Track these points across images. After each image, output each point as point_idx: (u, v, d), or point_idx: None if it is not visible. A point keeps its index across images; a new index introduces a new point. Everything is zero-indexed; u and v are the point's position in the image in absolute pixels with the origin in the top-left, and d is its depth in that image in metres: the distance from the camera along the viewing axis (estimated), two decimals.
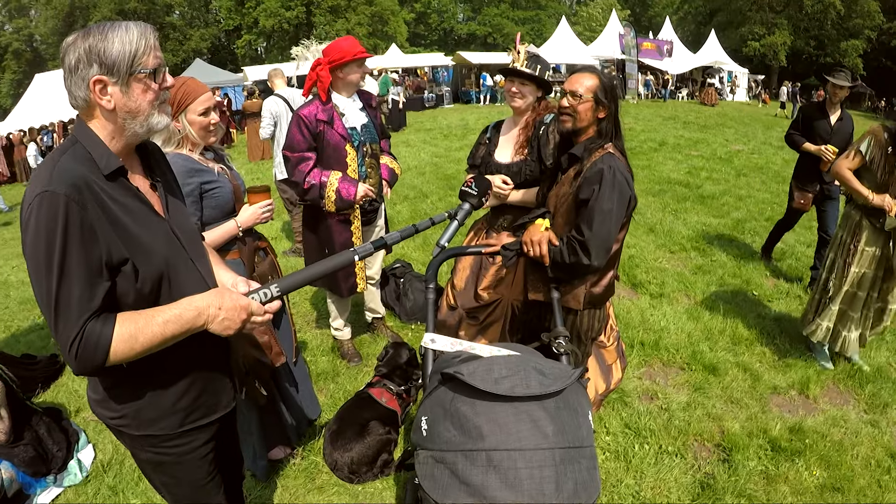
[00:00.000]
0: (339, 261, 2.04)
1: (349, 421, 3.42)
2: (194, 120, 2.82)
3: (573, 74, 2.78)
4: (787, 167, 13.31)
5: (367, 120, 4.26)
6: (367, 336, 5.15)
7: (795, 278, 6.68)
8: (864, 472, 3.60)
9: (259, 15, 50.55)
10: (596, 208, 2.56)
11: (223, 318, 1.76)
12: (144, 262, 1.70)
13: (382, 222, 4.69)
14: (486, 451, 1.58)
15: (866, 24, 47.19)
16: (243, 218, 3.04)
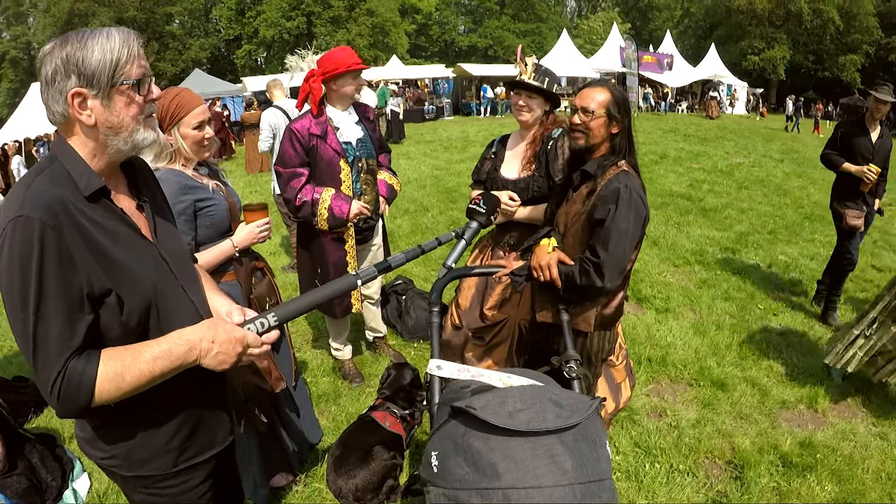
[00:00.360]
0: (341, 286, 1.93)
1: (353, 446, 3.31)
2: (188, 134, 2.69)
3: (584, 89, 2.71)
4: (787, 180, 13.37)
5: (363, 134, 4.09)
6: (368, 355, 5.03)
7: (800, 292, 6.65)
8: (875, 486, 3.58)
9: (259, 25, 50.69)
10: (612, 229, 2.49)
11: (217, 352, 1.61)
12: (130, 292, 1.56)
13: (380, 240, 4.52)
14: (503, 490, 1.48)
15: (865, 40, 47.76)
16: (240, 237, 2.89)
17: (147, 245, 1.67)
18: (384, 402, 3.62)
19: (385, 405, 3.59)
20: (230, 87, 31.79)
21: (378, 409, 3.57)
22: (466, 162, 15.25)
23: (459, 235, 2.41)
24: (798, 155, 18.68)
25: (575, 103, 2.68)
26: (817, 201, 11.39)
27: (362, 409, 4.03)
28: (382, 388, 3.75)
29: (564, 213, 2.80)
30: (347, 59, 3.79)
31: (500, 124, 25.51)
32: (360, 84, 3.96)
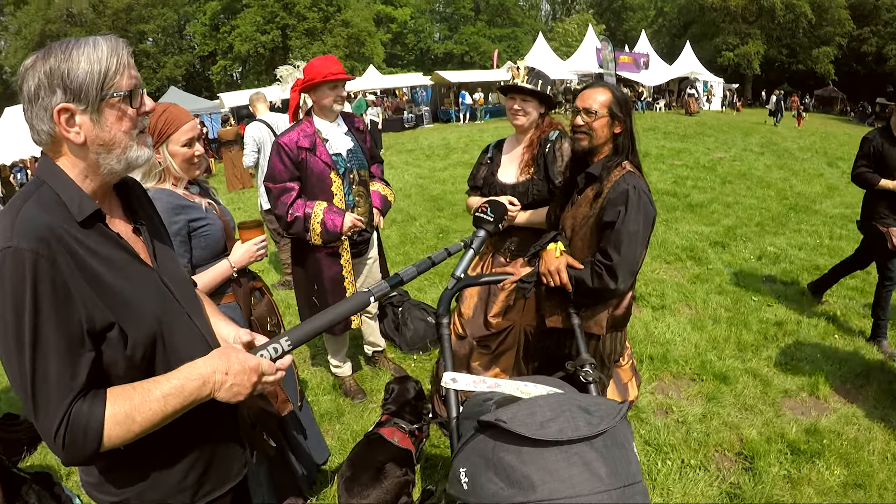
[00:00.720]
0: (355, 304, 1.85)
1: (363, 465, 3.22)
2: (177, 151, 2.56)
3: (585, 90, 2.69)
4: (769, 172, 13.50)
5: (353, 144, 3.99)
6: (368, 370, 4.95)
7: (792, 282, 6.70)
8: (882, 467, 3.64)
9: (234, 40, 50.41)
10: (623, 231, 2.48)
11: (231, 383, 1.50)
12: (133, 324, 1.43)
13: (375, 253, 4.43)
14: (540, 502, 1.45)
15: (837, 32, 48.55)
16: (237, 257, 2.77)
17: (147, 271, 1.55)
18: (391, 418, 3.54)
19: (392, 421, 3.51)
20: (207, 104, 31.54)
21: (385, 425, 3.48)
22: (450, 169, 15.26)
23: (468, 245, 2.38)
24: (777, 147, 18.88)
25: (577, 105, 2.66)
26: (800, 192, 11.54)
27: (367, 425, 3.99)
28: (387, 404, 3.66)
29: (571, 217, 2.77)
30: (323, 68, 3.68)
31: (480, 130, 25.62)
32: (339, 95, 3.82)
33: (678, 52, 42.39)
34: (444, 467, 3.62)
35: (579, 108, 2.64)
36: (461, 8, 66.38)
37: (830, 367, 4.80)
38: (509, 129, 3.55)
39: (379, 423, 3.54)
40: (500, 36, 64.84)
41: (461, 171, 14.79)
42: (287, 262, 7.05)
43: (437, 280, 6.89)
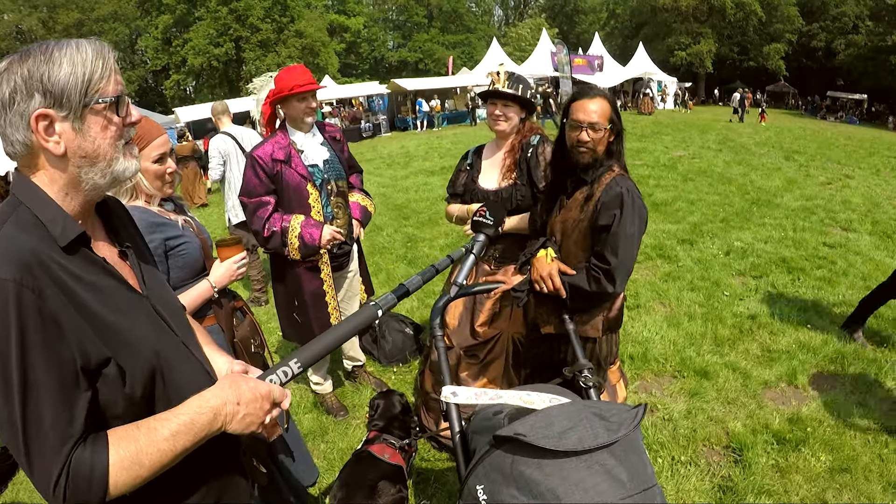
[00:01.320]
0: (363, 318, 1.78)
1: (355, 485, 3.10)
2: (148, 168, 2.41)
3: (581, 101, 2.60)
4: (728, 168, 13.74)
5: (329, 155, 3.89)
6: (349, 385, 4.83)
7: (760, 275, 6.81)
8: (865, 450, 3.74)
9: (187, 53, 49.60)
10: (620, 234, 2.47)
11: (244, 414, 1.39)
12: (130, 358, 1.31)
13: (356, 266, 4.33)
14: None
15: (787, 28, 50.05)
16: (217, 276, 2.64)
17: (138, 299, 1.42)
18: (379, 434, 3.42)
19: (381, 437, 3.39)
20: (161, 119, 30.82)
21: (374, 442, 3.37)
22: (411, 177, 15.19)
23: (468, 250, 2.34)
24: (734, 143, 19.26)
25: (579, 119, 2.58)
26: (760, 186, 11.77)
27: (352, 443, 3.92)
28: (374, 420, 3.54)
29: (560, 221, 2.75)
30: (290, 81, 3.57)
31: (439, 137, 25.62)
32: (308, 107, 3.71)
33: (631, 54, 43.07)
34: (436, 481, 3.56)
35: (583, 124, 2.56)
36: (414, 15, 66.59)
37: (806, 356, 4.89)
38: (468, 135, 3.55)
39: (368, 440, 3.43)
40: (454, 42, 65.16)
41: (423, 178, 14.77)
42: (256, 278, 6.93)
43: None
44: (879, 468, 3.57)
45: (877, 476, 3.49)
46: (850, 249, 7.72)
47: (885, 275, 6.44)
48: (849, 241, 8.09)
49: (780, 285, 6.45)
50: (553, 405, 1.70)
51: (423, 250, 8.50)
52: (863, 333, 5.21)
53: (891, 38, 41.70)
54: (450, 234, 9.07)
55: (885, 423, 4.00)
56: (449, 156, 18.25)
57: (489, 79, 3.32)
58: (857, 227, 8.87)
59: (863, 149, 20.09)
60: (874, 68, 44.09)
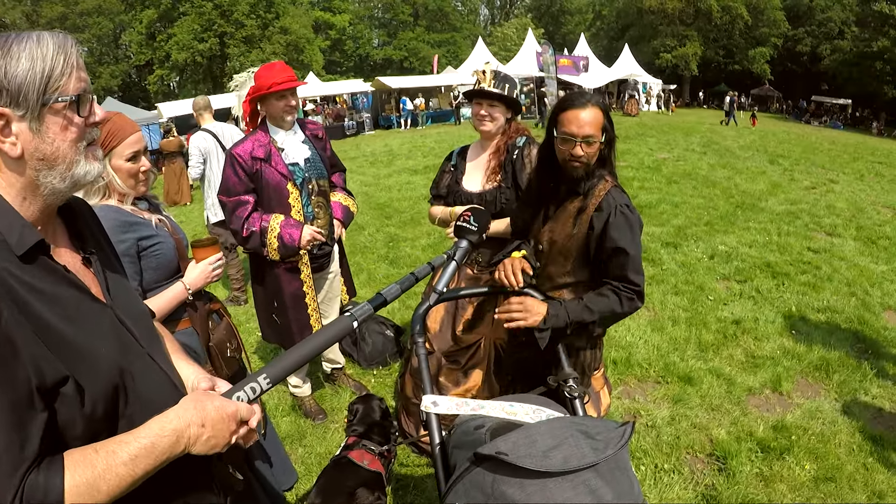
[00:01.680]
0: (338, 329, 1.70)
1: (333, 492, 3.02)
2: (121, 166, 2.33)
3: (574, 111, 2.41)
4: (713, 171, 13.77)
5: (310, 153, 3.80)
6: (328, 388, 4.72)
7: (744, 279, 6.79)
8: (849, 459, 3.72)
9: (171, 49, 49.21)
10: (636, 254, 2.42)
11: (209, 436, 1.31)
12: (90, 375, 1.21)
13: (337, 267, 4.24)
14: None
15: (772, 32, 50.58)
16: (192, 278, 2.54)
17: (101, 309, 1.33)
18: (359, 440, 3.33)
19: (360, 443, 3.30)
20: (144, 115, 30.72)
21: (353, 447, 3.27)
22: (394, 176, 15.10)
23: (450, 257, 2.25)
24: (719, 146, 19.32)
25: (572, 131, 2.40)
26: (745, 190, 11.79)
27: (330, 447, 3.85)
28: (353, 425, 3.44)
29: (549, 231, 2.65)
30: (268, 79, 3.49)
31: (423, 135, 25.51)
32: (288, 105, 3.62)
33: (617, 55, 43.22)
34: (415, 487, 3.49)
35: (576, 137, 2.39)
36: (400, 14, 66.40)
37: (790, 362, 4.87)
38: (452, 134, 3.47)
39: (346, 445, 3.35)
40: (440, 41, 65.06)
41: (406, 177, 14.68)
42: (235, 277, 6.82)
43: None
44: (864, 477, 3.54)
45: (861, 485, 3.47)
46: (835, 255, 7.73)
47: (870, 281, 6.50)
48: (833, 247, 8.11)
49: (764, 290, 6.43)
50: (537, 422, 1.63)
51: (406, 250, 8.41)
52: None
53: (876, 44, 42.12)
54: (432, 234, 8.99)
55: (869, 431, 3.98)
56: (432, 155, 18.18)
57: (475, 77, 3.24)
58: (842, 232, 8.91)
59: (847, 154, 20.23)
60: (859, 74, 44.54)
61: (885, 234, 8.81)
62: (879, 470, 3.60)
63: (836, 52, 47.60)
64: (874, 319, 5.67)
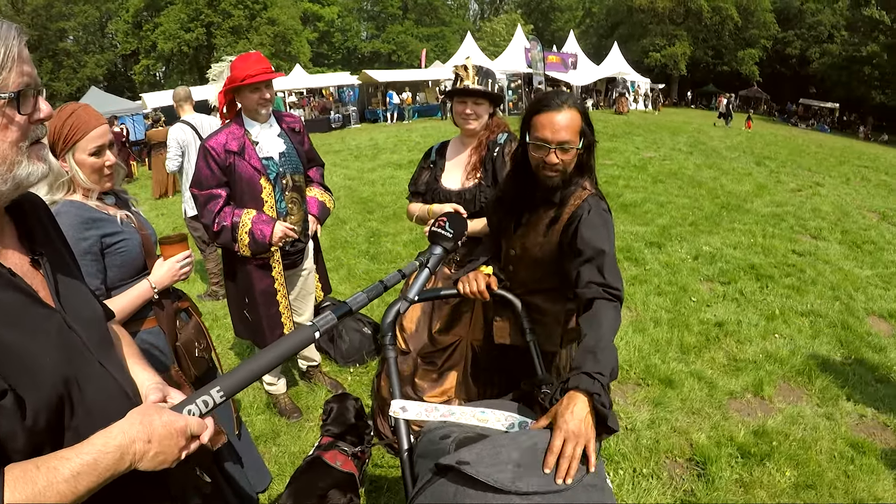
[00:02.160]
0: (297, 340, 1.62)
1: (304, 493, 2.95)
2: (84, 161, 2.24)
3: (548, 114, 2.20)
4: (699, 172, 13.77)
5: (286, 147, 3.69)
6: (303, 386, 4.63)
7: (728, 281, 6.76)
8: (830, 466, 3.68)
9: (157, 38, 48.99)
10: (611, 254, 2.18)
11: (155, 452, 1.25)
12: (32, 386, 1.14)
13: (311, 264, 4.14)
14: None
15: (762, 34, 51.07)
16: (158, 276, 2.44)
17: (48, 314, 1.26)
18: (333, 441, 3.25)
19: (334, 443, 3.23)
20: (129, 105, 30.43)
21: (327, 448, 3.20)
22: (378, 170, 14.98)
23: (423, 264, 2.16)
24: (706, 146, 19.40)
25: (545, 136, 2.20)
26: (731, 191, 11.81)
27: (304, 446, 3.77)
28: (327, 425, 3.35)
29: (521, 237, 2.51)
30: (244, 70, 3.37)
31: (408, 130, 25.36)
32: (262, 98, 3.49)
33: (606, 53, 43.29)
34: (389, 489, 3.42)
35: (550, 144, 2.19)
36: (389, 7, 66.29)
37: (772, 366, 4.85)
38: (438, 129, 3.36)
39: (319, 445, 3.27)
40: (428, 35, 65.03)
41: (390, 171, 14.56)
42: (213, 271, 6.71)
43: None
44: (845, 485, 3.51)
45: (842, 493, 3.44)
46: (820, 258, 7.74)
47: (855, 286, 6.50)
48: (818, 250, 8.12)
49: (748, 292, 6.41)
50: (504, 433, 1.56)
51: (387, 246, 8.32)
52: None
53: (865, 48, 42.56)
54: (414, 230, 8.89)
55: (851, 437, 3.96)
56: (417, 149, 18.07)
57: (454, 74, 3.14)
58: (827, 235, 8.93)
59: (833, 157, 20.36)
60: (847, 78, 44.96)
61: (870, 239, 8.85)
62: (860, 478, 3.57)
63: (826, 56, 48.02)
64: (858, 324, 5.66)
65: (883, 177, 16.71)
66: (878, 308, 6.21)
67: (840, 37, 47.46)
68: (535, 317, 2.51)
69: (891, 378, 4.77)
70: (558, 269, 2.39)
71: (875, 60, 41.96)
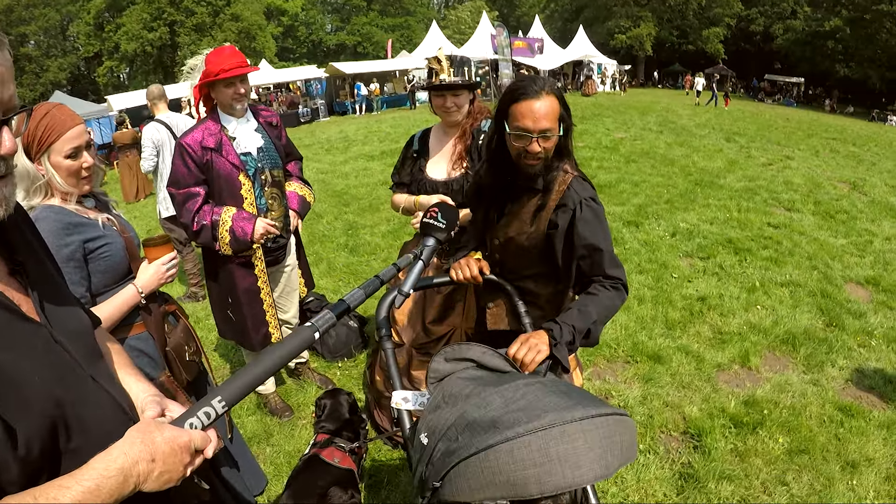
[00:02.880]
0: (299, 341, 1.56)
1: (305, 493, 2.91)
2: (60, 164, 2.14)
3: (525, 103, 2.17)
4: (670, 150, 13.86)
5: (263, 142, 3.60)
6: (292, 384, 4.56)
7: (707, 256, 6.83)
8: (821, 430, 3.77)
9: (120, 39, 48.18)
10: (608, 248, 2.27)
11: (160, 471, 1.16)
12: (21, 411, 1.04)
13: (293, 260, 4.08)
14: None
15: (726, 13, 51.53)
16: (144, 280, 2.36)
17: (34, 329, 1.16)
18: (329, 437, 3.23)
19: (331, 440, 3.20)
20: (94, 108, 29.82)
21: (323, 445, 3.17)
22: (351, 163, 14.85)
23: (417, 256, 2.13)
24: (675, 125, 19.52)
25: (527, 125, 2.17)
26: (703, 168, 11.91)
27: (299, 445, 3.73)
28: (322, 422, 3.34)
29: (504, 226, 2.49)
30: (218, 64, 3.30)
31: (378, 121, 25.18)
32: (237, 92, 3.41)
33: (571, 37, 43.41)
34: (389, 483, 3.39)
35: (532, 133, 2.17)
36: None
37: (757, 337, 4.92)
38: (407, 119, 3.31)
39: (316, 443, 3.23)
40: (393, 25, 64.76)
41: (363, 163, 14.45)
42: (192, 272, 6.61)
43: (355, 281, 6.60)
44: (837, 448, 3.58)
45: (835, 456, 3.51)
46: (795, 229, 7.85)
47: (831, 255, 6.61)
48: (793, 222, 8.24)
49: (727, 266, 6.48)
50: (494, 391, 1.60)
51: (365, 237, 8.25)
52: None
53: (828, 23, 43.16)
54: (392, 220, 8.85)
55: (839, 402, 4.03)
56: (389, 140, 17.97)
57: (428, 68, 3.09)
58: (801, 207, 9.07)
59: (801, 130, 20.63)
60: (811, 53, 45.65)
61: (842, 209, 9.00)
62: (851, 440, 3.64)
63: (789, 32, 48.67)
64: (837, 292, 5.75)
65: (851, 148, 17.01)
66: (854, 275, 6.32)
67: (803, 12, 48.16)
68: (529, 300, 2.50)
69: (872, 343, 4.87)
70: (547, 256, 2.39)
71: (838, 35, 42.62)
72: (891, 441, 3.67)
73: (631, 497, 3.23)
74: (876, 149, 18.25)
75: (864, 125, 30.39)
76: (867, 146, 18.63)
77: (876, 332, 5.02)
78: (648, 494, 3.25)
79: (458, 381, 1.73)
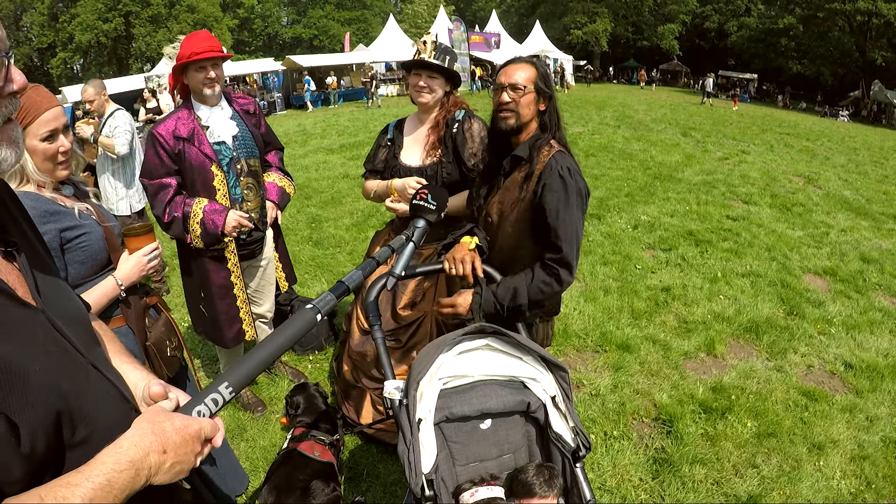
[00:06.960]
0: (300, 326, 1.53)
1: (286, 487, 2.85)
2: (35, 147, 2.04)
3: (508, 66, 2.49)
4: (628, 144, 14.06)
5: (238, 130, 3.46)
6: (264, 378, 4.45)
7: (669, 248, 6.97)
8: (787, 414, 3.92)
9: (74, 30, 46.91)
10: (567, 220, 2.31)
11: (172, 462, 1.09)
12: (24, 404, 0.96)
13: (270, 254, 3.95)
14: None
15: (681, 10, 52.66)
16: (124, 272, 2.29)
17: (31, 314, 1.08)
18: (307, 431, 3.17)
19: (309, 433, 3.15)
20: None
21: (301, 439, 3.12)
22: (310, 156, 14.67)
23: (409, 238, 2.13)
24: (632, 120, 19.82)
25: (500, 80, 2.46)
26: (662, 162, 12.12)
27: (274, 439, 3.69)
28: (299, 417, 3.29)
29: (498, 202, 2.58)
30: (189, 48, 3.19)
31: (335, 114, 25.01)
32: (207, 77, 3.28)
33: (528, 31, 43.68)
34: (368, 475, 3.38)
35: (504, 84, 2.43)
36: None
37: (721, 325, 5.03)
38: (364, 113, 3.27)
39: (294, 437, 3.17)
40: (350, 19, 64.24)
41: (322, 156, 14.29)
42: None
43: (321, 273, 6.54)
44: (803, 431, 3.71)
45: (801, 439, 3.63)
46: (753, 222, 8.06)
47: (789, 246, 6.79)
48: (751, 214, 8.45)
49: (689, 257, 6.62)
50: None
51: (329, 230, 8.17)
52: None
53: (782, 21, 44.27)
54: (355, 213, 8.79)
55: (802, 387, 4.17)
56: (347, 133, 17.81)
57: (415, 48, 3.11)
58: (758, 200, 9.31)
59: (756, 126, 21.10)
60: (765, 50, 46.83)
61: (798, 202, 9.28)
62: (816, 423, 3.77)
63: (743, 29, 49.84)
64: (796, 282, 5.93)
65: (804, 143, 17.48)
66: (812, 266, 6.51)
67: (757, 10, 49.32)
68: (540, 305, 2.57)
69: (831, 331, 5.03)
70: (534, 231, 2.45)
71: (791, 32, 43.79)
72: (854, 423, 3.81)
73: (608, 482, 3.28)
74: (829, 144, 18.83)
75: (816, 121, 31.26)
76: (820, 141, 19.19)
77: (835, 320, 5.20)
78: (625, 479, 3.31)
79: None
